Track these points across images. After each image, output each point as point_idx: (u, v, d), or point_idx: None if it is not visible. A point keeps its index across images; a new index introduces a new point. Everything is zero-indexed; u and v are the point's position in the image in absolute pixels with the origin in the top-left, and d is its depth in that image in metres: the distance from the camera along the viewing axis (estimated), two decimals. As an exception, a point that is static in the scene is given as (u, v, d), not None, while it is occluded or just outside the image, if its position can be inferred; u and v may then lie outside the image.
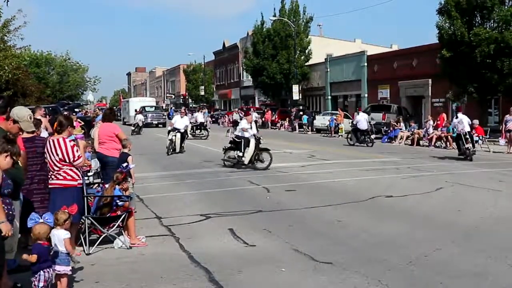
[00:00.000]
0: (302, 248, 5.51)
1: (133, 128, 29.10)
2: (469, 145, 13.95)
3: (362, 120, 20.07)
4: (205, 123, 26.60)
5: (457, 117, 15.24)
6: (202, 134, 24.68)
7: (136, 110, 36.98)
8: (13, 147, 3.80)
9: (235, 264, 5.01)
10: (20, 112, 4.67)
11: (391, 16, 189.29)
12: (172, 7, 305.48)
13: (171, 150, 16.23)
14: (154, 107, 41.76)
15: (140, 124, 29.65)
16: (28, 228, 4.11)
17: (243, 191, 9.50)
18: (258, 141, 12.86)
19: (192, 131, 23.83)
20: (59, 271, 4.18)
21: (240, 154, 12.55)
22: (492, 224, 6.59)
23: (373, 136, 20.48)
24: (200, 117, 26.27)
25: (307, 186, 9.90)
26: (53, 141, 5.19)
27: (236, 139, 12.88)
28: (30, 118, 4.74)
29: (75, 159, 5.13)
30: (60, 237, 4.23)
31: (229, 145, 13.19)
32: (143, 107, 38.79)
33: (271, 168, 12.77)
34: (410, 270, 4.81)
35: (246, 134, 12.78)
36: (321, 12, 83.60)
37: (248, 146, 12.57)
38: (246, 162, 12.55)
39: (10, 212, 3.70)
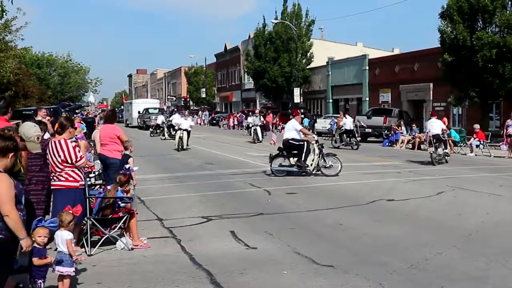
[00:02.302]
0: (303, 251, 5.52)
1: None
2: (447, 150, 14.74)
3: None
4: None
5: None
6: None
7: (139, 112, 36.78)
8: (13, 143, 3.67)
9: (236, 267, 5.01)
10: (28, 132, 4.53)
11: (393, 20, 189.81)
12: (173, 9, 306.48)
13: (180, 147, 18.39)
14: (157, 109, 41.31)
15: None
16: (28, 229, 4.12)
17: (245, 193, 9.51)
18: (321, 144, 11.48)
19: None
20: (61, 272, 4.19)
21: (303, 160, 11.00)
22: (492, 228, 6.59)
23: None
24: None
25: (308, 189, 9.90)
26: (55, 142, 5.21)
27: (294, 142, 11.21)
28: (38, 139, 4.68)
29: (77, 159, 5.15)
30: (63, 238, 4.25)
31: (277, 151, 11.50)
32: (147, 109, 38.63)
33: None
34: (411, 273, 4.81)
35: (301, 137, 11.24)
36: (322, 16, 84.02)
37: (309, 151, 11.12)
38: (312, 169, 11.24)
39: (24, 218, 3.67)
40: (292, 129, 11.51)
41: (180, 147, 18.34)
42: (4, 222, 3.45)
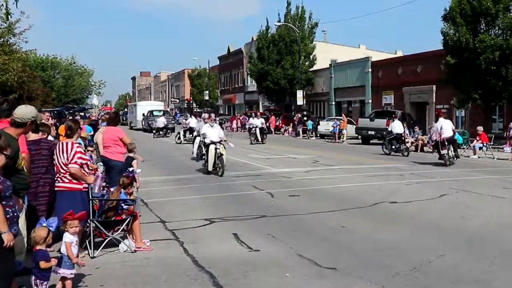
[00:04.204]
0: (306, 253, 5.52)
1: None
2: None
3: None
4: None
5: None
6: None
7: (143, 114, 36.87)
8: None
9: (239, 269, 5.02)
10: (25, 113, 4.47)
11: (396, 22, 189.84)
12: (177, 11, 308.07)
13: (219, 168, 12.20)
14: (162, 111, 41.01)
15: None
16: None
17: (247, 196, 9.52)
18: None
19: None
20: (59, 273, 4.23)
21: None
22: (496, 231, 6.57)
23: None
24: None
25: (311, 192, 9.90)
26: (62, 143, 5.28)
27: (454, 138, 15.06)
28: (35, 114, 4.66)
29: (71, 162, 5.14)
30: (64, 240, 4.29)
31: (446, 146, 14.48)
32: (151, 111, 38.64)
33: (274, 173, 12.82)
34: (414, 276, 4.81)
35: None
36: (325, 18, 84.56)
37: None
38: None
39: (15, 214, 3.68)
40: (452, 128, 14.79)
41: (219, 168, 11.91)
42: None
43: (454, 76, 21.74)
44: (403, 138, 18.44)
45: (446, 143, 14.20)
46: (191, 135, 25.44)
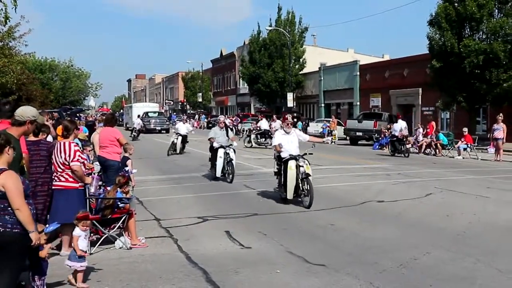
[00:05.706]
0: (296, 251, 5.66)
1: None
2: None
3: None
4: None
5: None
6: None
7: (139, 116, 36.96)
8: (2, 138, 3.73)
9: (231, 265, 5.14)
10: (25, 112, 4.59)
11: (383, 27, 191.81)
12: (171, 16, 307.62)
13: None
14: (157, 113, 41.03)
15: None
16: None
17: (240, 195, 9.65)
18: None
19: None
20: (69, 266, 4.46)
21: None
22: (480, 229, 6.73)
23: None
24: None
25: (300, 192, 10.07)
26: (59, 143, 5.40)
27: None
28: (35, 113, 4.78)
29: (73, 159, 5.27)
30: (73, 233, 4.46)
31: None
32: (146, 113, 38.69)
33: (265, 173, 12.98)
34: (401, 273, 4.94)
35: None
36: (315, 23, 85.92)
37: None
38: None
39: (34, 211, 3.80)
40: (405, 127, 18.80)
41: (304, 194, 8.96)
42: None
43: (440, 79, 22.16)
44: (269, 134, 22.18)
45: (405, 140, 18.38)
46: (135, 134, 28.31)
